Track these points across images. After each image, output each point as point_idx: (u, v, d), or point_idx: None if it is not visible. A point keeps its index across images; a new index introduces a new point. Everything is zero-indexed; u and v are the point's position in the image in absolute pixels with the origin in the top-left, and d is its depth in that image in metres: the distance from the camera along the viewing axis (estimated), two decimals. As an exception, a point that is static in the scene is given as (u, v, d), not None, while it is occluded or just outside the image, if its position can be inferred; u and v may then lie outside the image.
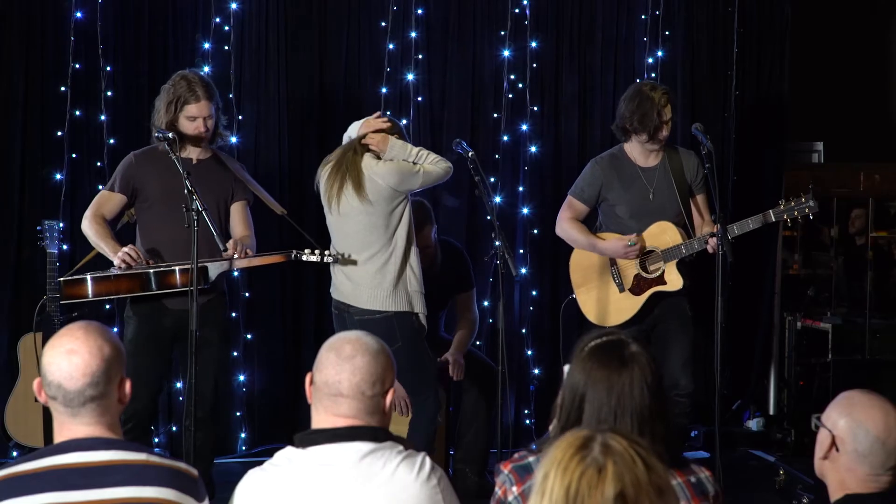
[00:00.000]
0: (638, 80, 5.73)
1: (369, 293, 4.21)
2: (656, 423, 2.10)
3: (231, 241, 4.12)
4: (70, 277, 4.08)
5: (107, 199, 4.26)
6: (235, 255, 4.08)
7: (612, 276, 4.66)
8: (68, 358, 2.15)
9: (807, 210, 4.44)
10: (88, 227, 4.20)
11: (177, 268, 4.05)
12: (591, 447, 1.55)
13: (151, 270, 4.05)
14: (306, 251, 4.22)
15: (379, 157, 4.22)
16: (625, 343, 2.16)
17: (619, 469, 1.52)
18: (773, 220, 4.48)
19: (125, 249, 4.06)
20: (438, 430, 4.75)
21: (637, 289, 4.63)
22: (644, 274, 4.62)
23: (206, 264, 4.05)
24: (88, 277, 4.04)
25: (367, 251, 4.19)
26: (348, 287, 4.26)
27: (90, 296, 4.03)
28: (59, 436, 2.18)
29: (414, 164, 4.19)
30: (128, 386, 2.23)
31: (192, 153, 4.26)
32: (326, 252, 4.23)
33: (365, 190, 4.15)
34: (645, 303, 4.61)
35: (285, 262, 4.31)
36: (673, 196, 4.62)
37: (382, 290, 4.19)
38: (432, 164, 4.20)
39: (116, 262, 4.06)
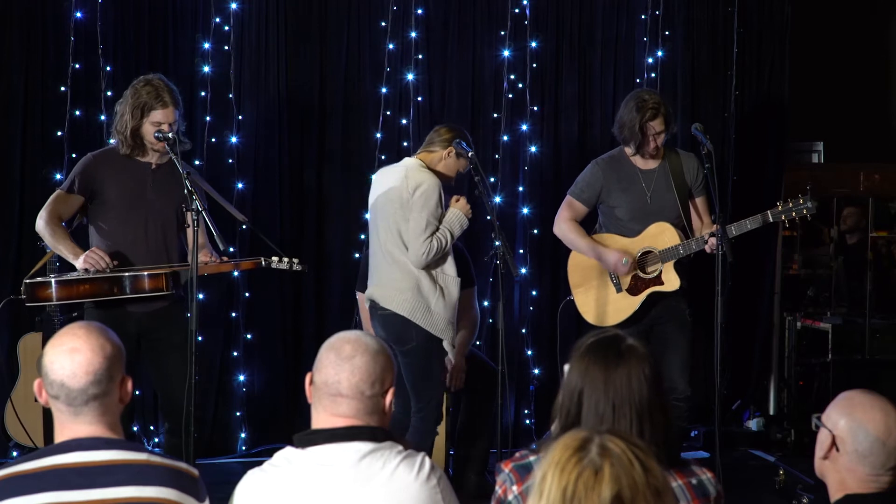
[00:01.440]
0: (638, 81, 5.75)
1: (387, 294, 4.26)
2: (656, 414, 2.10)
3: (204, 251, 4.12)
4: (36, 280, 3.99)
5: (63, 200, 4.12)
6: (209, 261, 4.09)
7: (609, 276, 4.67)
8: (71, 356, 2.15)
9: (804, 211, 4.44)
10: (45, 228, 4.06)
11: (146, 272, 3.99)
12: (589, 448, 1.55)
13: (127, 274, 3.99)
14: (274, 259, 4.24)
15: (429, 169, 4.27)
16: (620, 338, 2.16)
17: (616, 471, 1.52)
18: (772, 220, 4.49)
19: (92, 254, 3.98)
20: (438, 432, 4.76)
21: (634, 289, 4.63)
22: (641, 274, 4.62)
23: (178, 270, 4.05)
24: (53, 280, 3.95)
25: (396, 255, 4.24)
26: (374, 283, 4.35)
27: (55, 299, 3.94)
28: (60, 435, 2.17)
29: (435, 231, 4.20)
30: (129, 384, 2.24)
31: (152, 158, 4.17)
32: (295, 260, 4.26)
33: (401, 177, 4.23)
34: (642, 303, 4.62)
35: (256, 266, 4.33)
36: (672, 198, 4.62)
37: (401, 294, 4.23)
38: (432, 242, 4.20)
39: (80, 265, 3.99)
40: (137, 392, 5.00)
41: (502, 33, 5.66)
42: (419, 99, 5.61)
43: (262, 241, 5.10)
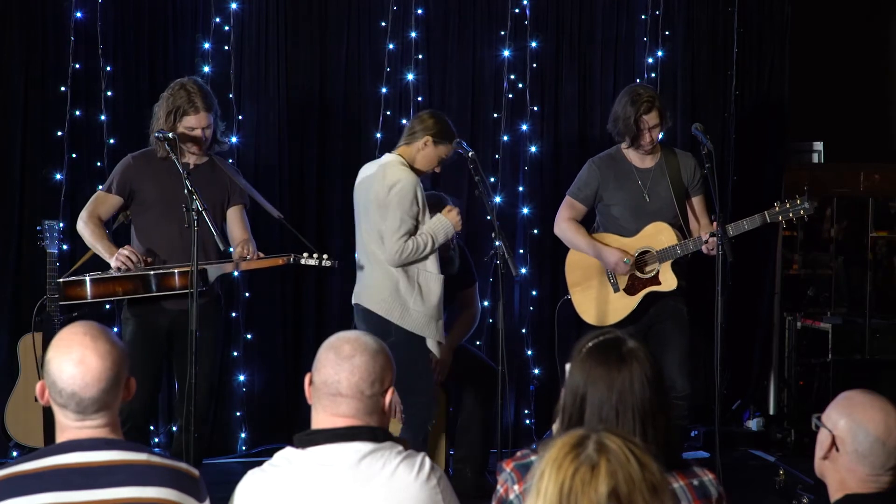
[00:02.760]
0: (638, 81, 5.74)
1: (367, 292, 4.32)
2: (658, 416, 2.10)
3: (241, 242, 4.13)
4: (70, 279, 4.08)
5: (103, 200, 4.25)
6: (249, 256, 4.10)
7: (607, 276, 4.67)
8: (81, 366, 2.12)
9: (801, 211, 4.45)
10: (84, 227, 4.20)
11: (176, 270, 4.05)
12: (586, 445, 1.55)
13: (152, 272, 4.05)
14: (304, 255, 4.25)
15: (408, 164, 4.27)
16: (622, 340, 2.16)
17: (612, 467, 1.52)
18: (769, 221, 4.50)
19: (123, 251, 4.06)
20: (437, 430, 4.76)
21: (632, 289, 4.63)
22: (639, 274, 4.63)
23: (205, 266, 4.07)
24: (87, 279, 4.03)
25: (378, 254, 4.26)
26: (358, 282, 4.40)
27: (89, 297, 4.04)
28: (62, 436, 2.17)
29: (411, 231, 4.21)
30: (133, 384, 2.24)
31: (190, 158, 4.25)
32: (325, 256, 4.26)
33: (379, 176, 4.25)
34: (640, 303, 4.62)
35: (285, 263, 4.33)
36: (669, 198, 4.62)
37: (379, 293, 4.27)
38: (407, 242, 4.20)
39: (114, 264, 4.06)
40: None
41: (502, 33, 5.66)
42: (419, 99, 5.61)
43: (262, 240, 5.12)
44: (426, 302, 4.26)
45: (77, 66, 5.23)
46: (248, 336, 5.50)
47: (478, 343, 5.48)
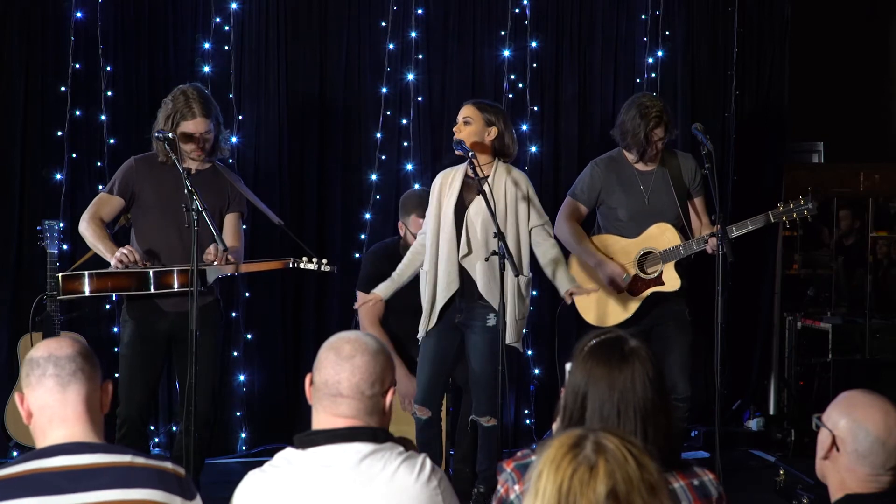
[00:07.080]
0: (638, 81, 5.74)
1: None
2: (659, 416, 2.10)
3: (212, 247, 4.10)
4: (69, 273, 4.10)
5: (105, 202, 4.26)
6: (215, 263, 4.09)
7: (609, 276, 4.67)
8: (54, 339, 2.21)
9: (805, 212, 4.45)
10: (86, 228, 4.21)
11: (175, 269, 4.06)
12: (584, 445, 1.56)
13: (151, 270, 4.07)
14: (304, 259, 4.26)
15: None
16: (624, 340, 2.16)
17: (610, 467, 1.52)
18: (773, 221, 4.50)
19: (122, 249, 4.07)
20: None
21: (635, 289, 4.63)
22: (642, 275, 4.62)
23: (204, 267, 4.07)
24: (86, 273, 4.06)
25: None
26: None
27: (87, 292, 4.06)
28: (43, 438, 2.16)
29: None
30: (110, 388, 2.24)
31: (192, 164, 4.26)
32: (324, 261, 4.27)
33: None
34: (643, 303, 4.62)
35: (284, 266, 4.34)
36: (671, 200, 4.62)
37: None
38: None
39: (113, 262, 4.08)
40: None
41: (502, 33, 5.66)
42: (419, 99, 5.61)
43: (264, 242, 5.12)
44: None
45: (77, 66, 5.23)
46: (248, 336, 5.50)
47: (478, 343, 5.47)
